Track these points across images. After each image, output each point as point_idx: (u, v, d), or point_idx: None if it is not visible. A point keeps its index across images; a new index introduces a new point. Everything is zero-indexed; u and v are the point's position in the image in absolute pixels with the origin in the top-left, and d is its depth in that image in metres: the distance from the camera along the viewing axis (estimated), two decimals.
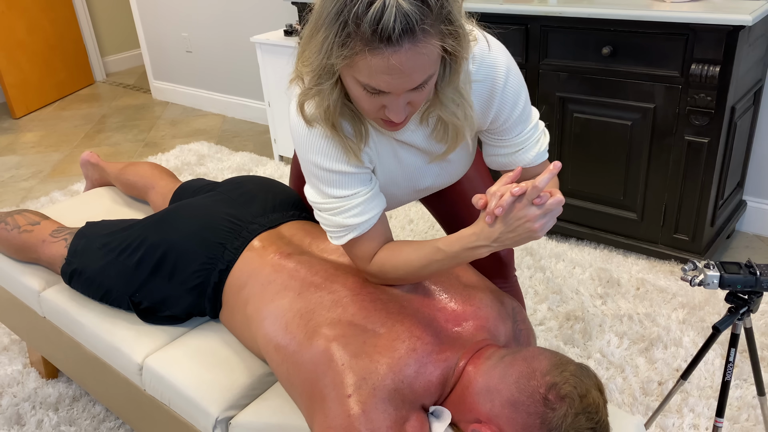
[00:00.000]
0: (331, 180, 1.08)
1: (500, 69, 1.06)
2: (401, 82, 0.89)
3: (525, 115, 1.13)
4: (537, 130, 1.16)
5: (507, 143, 1.15)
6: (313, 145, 1.06)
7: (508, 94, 1.08)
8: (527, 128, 1.15)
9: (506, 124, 1.12)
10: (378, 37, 0.84)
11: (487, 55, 1.05)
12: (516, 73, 1.09)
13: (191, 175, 3.28)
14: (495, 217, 0.98)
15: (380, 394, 1.00)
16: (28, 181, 3.40)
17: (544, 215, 0.96)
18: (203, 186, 1.62)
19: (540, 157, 1.17)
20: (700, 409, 1.67)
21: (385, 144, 1.12)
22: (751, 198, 2.45)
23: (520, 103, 1.11)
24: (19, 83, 4.40)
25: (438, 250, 1.06)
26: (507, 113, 1.10)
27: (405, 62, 0.86)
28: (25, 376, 1.96)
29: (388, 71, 0.87)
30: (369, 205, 1.10)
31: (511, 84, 1.08)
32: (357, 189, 1.09)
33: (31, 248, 1.61)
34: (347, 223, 1.10)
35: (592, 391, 0.94)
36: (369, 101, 0.94)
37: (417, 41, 0.85)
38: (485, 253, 1.03)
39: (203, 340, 1.39)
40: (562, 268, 2.29)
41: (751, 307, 1.22)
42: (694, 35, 1.90)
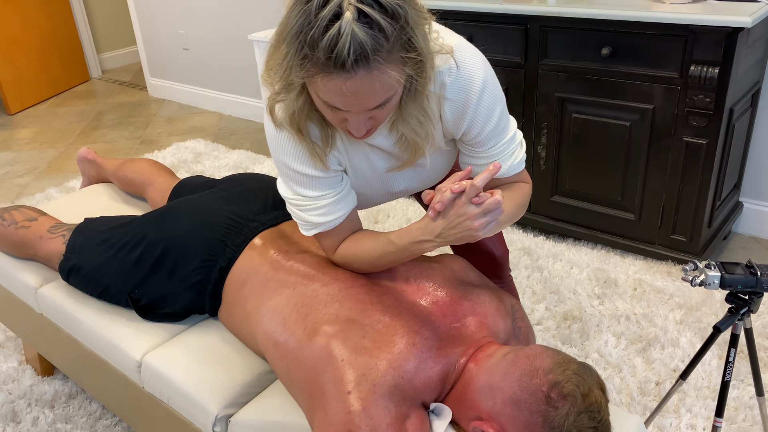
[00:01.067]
0: (299, 180, 1.12)
1: (475, 83, 1.07)
2: (357, 105, 0.90)
3: (500, 129, 1.14)
4: (513, 142, 1.16)
5: (481, 155, 1.16)
6: (283, 146, 1.10)
7: (482, 109, 1.09)
8: (501, 141, 1.15)
9: (479, 137, 1.13)
10: (332, 63, 0.85)
11: (464, 68, 1.06)
12: (492, 87, 1.09)
13: (188, 172, 3.27)
14: (437, 213, 1.01)
15: (380, 390, 1.00)
16: (23, 177, 3.38)
17: (484, 215, 0.98)
18: (202, 183, 1.61)
19: (514, 169, 1.17)
20: (698, 409, 1.67)
21: (357, 146, 1.14)
22: (748, 200, 2.46)
23: (493, 118, 1.11)
24: (14, 79, 4.38)
25: (390, 242, 1.11)
26: (480, 127, 1.11)
27: (359, 88, 0.87)
28: (21, 373, 1.95)
29: (341, 93, 0.88)
30: (336, 206, 1.14)
31: (486, 99, 1.09)
32: (325, 191, 1.13)
33: (28, 244, 1.60)
34: (313, 221, 1.15)
35: (595, 390, 0.94)
36: (331, 115, 0.96)
37: (371, 69, 0.86)
38: (430, 248, 1.07)
39: (202, 337, 1.38)
40: (559, 268, 2.29)
41: (752, 308, 1.22)
42: (694, 36, 1.91)
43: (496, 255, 1.53)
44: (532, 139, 2.37)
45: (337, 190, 1.14)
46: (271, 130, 1.10)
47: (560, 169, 2.35)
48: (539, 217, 2.48)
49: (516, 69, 2.29)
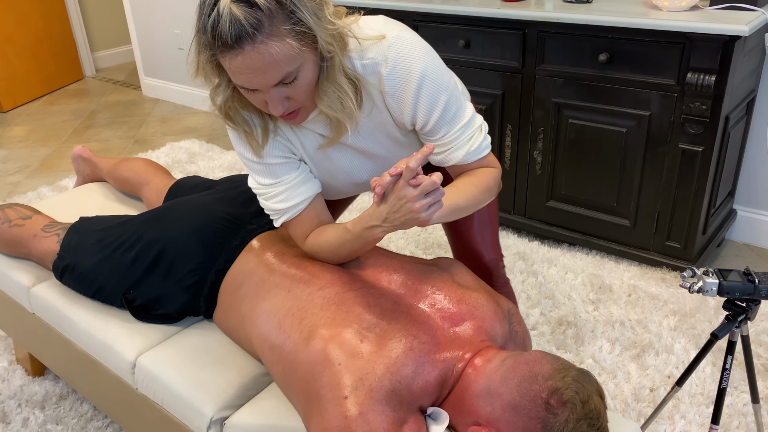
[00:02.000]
0: (255, 168, 1.19)
1: (413, 73, 1.09)
2: (258, 80, 0.96)
3: (449, 117, 1.15)
4: (468, 128, 1.17)
5: (435, 143, 1.18)
6: (234, 137, 1.17)
7: (423, 98, 1.11)
8: (453, 129, 1.16)
9: (428, 126, 1.15)
10: (219, 43, 0.93)
11: (401, 58, 1.08)
12: (434, 76, 1.10)
13: (182, 173, 3.25)
14: (381, 197, 1.04)
15: (377, 395, 1.00)
16: (14, 175, 3.36)
17: (423, 196, 0.99)
18: (199, 183, 1.60)
19: (472, 156, 1.19)
20: (692, 416, 1.67)
21: (311, 140, 1.19)
22: (742, 207, 2.47)
23: (438, 107, 1.12)
24: (6, 76, 4.35)
25: (347, 230, 1.14)
26: (425, 116, 1.13)
27: (251, 63, 0.94)
28: (11, 373, 1.93)
29: (239, 71, 0.95)
30: (294, 191, 1.19)
31: (427, 88, 1.10)
32: (280, 178, 1.18)
33: (21, 243, 1.59)
34: (276, 208, 1.20)
35: (594, 397, 0.94)
36: (252, 97, 1.02)
37: (256, 43, 0.92)
38: (380, 233, 1.09)
39: (197, 339, 1.37)
40: (554, 273, 2.29)
41: (749, 315, 1.22)
42: (691, 44, 1.92)
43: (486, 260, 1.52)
44: (528, 144, 2.37)
45: (293, 176, 1.19)
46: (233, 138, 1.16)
47: (556, 174, 2.36)
48: (534, 222, 2.48)
49: (513, 74, 2.29)
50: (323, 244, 1.21)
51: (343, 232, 1.16)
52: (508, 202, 2.53)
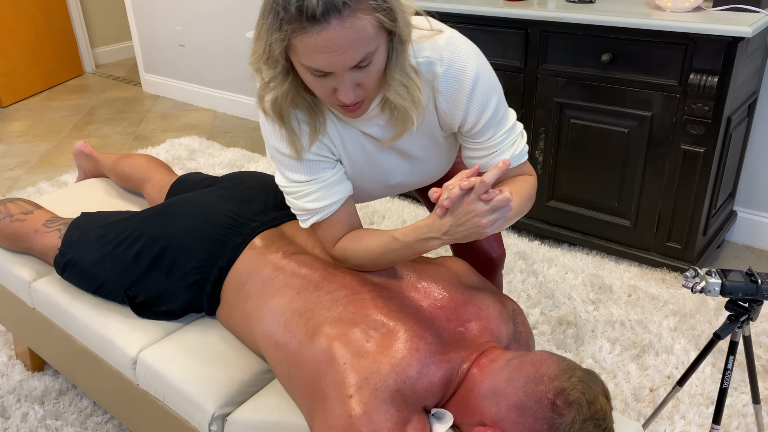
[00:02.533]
0: (290, 165, 1.14)
1: (468, 73, 1.08)
2: (338, 60, 0.92)
3: (497, 119, 1.14)
4: (512, 133, 1.17)
5: (480, 146, 1.17)
6: (274, 132, 1.12)
7: (476, 99, 1.10)
8: (500, 132, 1.15)
9: (476, 127, 1.13)
10: (305, 17, 0.88)
11: (456, 58, 1.07)
12: (487, 77, 1.10)
13: (182, 169, 3.25)
14: (445, 210, 1.01)
15: (382, 394, 0.99)
16: (14, 170, 3.35)
17: (492, 212, 0.98)
18: (201, 180, 1.60)
19: (516, 160, 1.18)
20: (691, 416, 1.68)
21: (352, 138, 1.16)
22: (742, 209, 2.48)
23: (489, 108, 1.12)
24: (6, 71, 4.34)
25: (394, 239, 1.11)
26: (475, 117, 1.12)
27: (335, 39, 0.89)
28: (10, 368, 1.92)
29: (320, 50, 0.90)
30: (329, 191, 1.15)
31: (480, 89, 1.09)
32: (316, 175, 1.14)
33: (23, 237, 1.58)
34: (308, 207, 1.16)
35: (600, 398, 0.94)
36: (319, 85, 0.98)
37: (343, 17, 0.88)
38: (437, 245, 1.07)
39: (199, 335, 1.37)
40: (554, 273, 2.29)
41: (751, 316, 1.22)
42: (694, 45, 1.92)
43: (493, 257, 1.53)
44: (530, 143, 2.37)
45: (328, 175, 1.15)
46: (263, 117, 1.12)
47: (557, 174, 2.36)
48: (535, 222, 2.48)
49: (515, 73, 2.29)
50: (359, 250, 1.16)
51: (389, 240, 1.12)
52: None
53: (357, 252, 1.17)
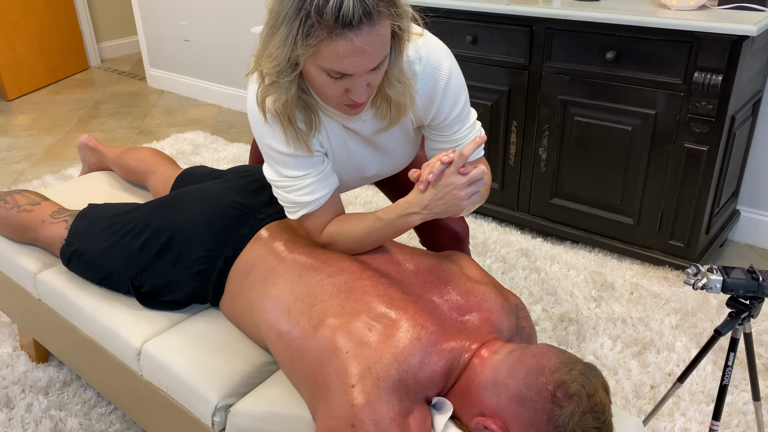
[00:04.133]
0: (284, 161, 1.18)
1: (443, 71, 1.17)
2: (365, 63, 0.98)
3: (464, 115, 1.24)
4: (474, 129, 1.26)
5: (446, 139, 1.26)
6: (268, 131, 1.16)
7: (449, 95, 1.19)
8: (465, 126, 1.25)
9: (446, 121, 1.23)
10: (341, 23, 0.93)
11: (432, 57, 1.16)
12: (457, 75, 1.19)
13: (186, 164, 3.26)
14: (427, 185, 1.10)
15: (384, 384, 1.00)
16: (19, 163, 3.36)
17: (469, 184, 1.08)
18: (207, 173, 1.61)
19: (477, 154, 1.27)
20: (692, 413, 1.68)
21: (336, 133, 1.22)
22: (745, 208, 2.48)
23: (459, 104, 1.21)
24: (12, 65, 4.35)
25: (378, 219, 1.19)
26: (447, 112, 1.21)
27: (367, 43, 0.96)
28: (15, 359, 1.94)
29: (353, 54, 0.96)
30: (319, 185, 1.21)
31: (453, 86, 1.18)
32: (308, 171, 1.19)
33: (29, 228, 1.60)
34: (299, 201, 1.21)
35: (600, 391, 0.95)
36: (333, 87, 1.03)
37: (373, 23, 0.95)
38: (417, 220, 1.15)
39: (203, 326, 1.38)
40: (557, 270, 2.30)
41: (752, 313, 1.23)
42: (698, 43, 1.92)
43: (458, 231, 1.62)
44: (533, 140, 2.38)
45: (320, 170, 1.21)
46: (258, 117, 1.15)
47: (560, 171, 2.36)
48: (538, 219, 2.49)
49: (520, 70, 2.30)
50: (346, 232, 1.23)
51: (373, 220, 1.19)
52: (512, 199, 2.53)
53: (344, 234, 1.23)
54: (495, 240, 2.50)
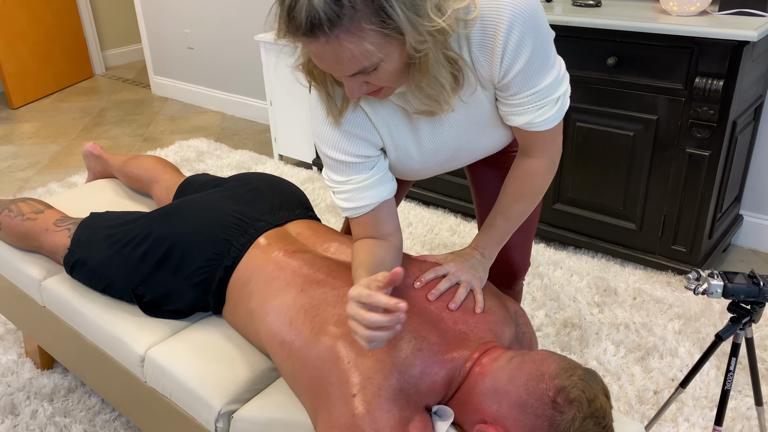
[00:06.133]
0: (329, 164, 1.16)
1: (502, 20, 0.96)
2: (332, 70, 0.90)
3: (527, 76, 1.02)
4: (541, 97, 1.05)
5: (504, 100, 1.08)
6: (317, 131, 1.12)
7: (509, 48, 0.98)
8: (526, 91, 1.04)
9: (505, 78, 1.03)
10: (292, 27, 0.86)
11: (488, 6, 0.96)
12: (523, 28, 0.97)
13: (190, 171, 3.27)
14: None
15: (385, 393, 1.01)
16: (25, 171, 3.38)
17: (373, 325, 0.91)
18: (208, 181, 1.62)
19: (532, 127, 1.08)
20: (695, 418, 1.68)
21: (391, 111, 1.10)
22: (748, 213, 2.48)
23: (519, 61, 0.99)
24: (18, 73, 4.38)
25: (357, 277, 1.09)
26: (506, 67, 1.01)
27: (324, 53, 0.87)
28: (20, 366, 1.95)
29: (317, 59, 0.89)
30: (359, 194, 1.15)
31: (514, 38, 0.97)
32: (350, 176, 1.14)
33: (33, 236, 1.61)
34: (340, 205, 1.18)
35: (600, 396, 0.95)
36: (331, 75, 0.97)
37: (330, 37, 0.85)
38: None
39: (206, 333, 1.39)
40: (560, 275, 2.30)
41: (753, 317, 1.23)
42: (699, 49, 1.92)
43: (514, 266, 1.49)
44: None
45: (362, 177, 1.13)
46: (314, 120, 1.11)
47: (563, 177, 2.37)
48: (540, 225, 2.49)
49: None
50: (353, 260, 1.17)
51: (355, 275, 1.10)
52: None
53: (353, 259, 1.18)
54: None
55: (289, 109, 3.17)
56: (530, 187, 1.19)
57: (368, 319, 0.90)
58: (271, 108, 3.24)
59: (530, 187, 1.19)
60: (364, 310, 0.91)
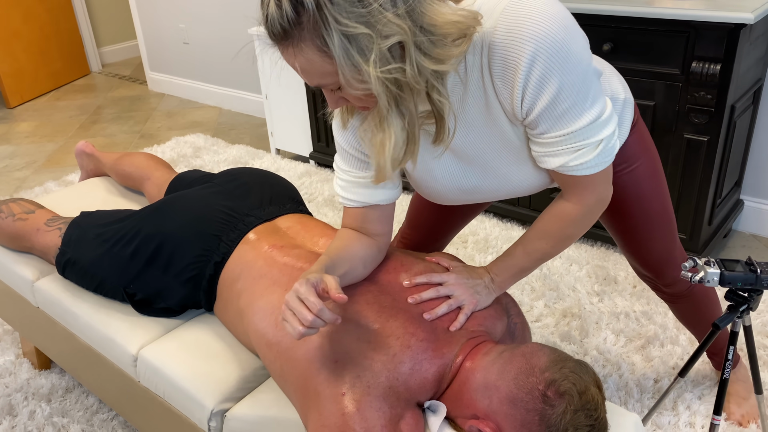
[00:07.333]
0: (338, 149, 1.16)
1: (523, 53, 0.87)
2: (304, 77, 0.90)
3: (556, 115, 0.93)
4: (577, 138, 0.95)
5: (535, 139, 0.99)
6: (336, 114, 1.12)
7: (533, 79, 0.90)
8: (558, 131, 0.95)
9: (531, 115, 0.95)
10: (267, 35, 0.88)
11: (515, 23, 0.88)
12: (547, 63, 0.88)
13: (187, 167, 3.26)
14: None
15: (375, 392, 0.99)
16: (22, 171, 3.38)
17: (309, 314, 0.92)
18: (199, 177, 1.61)
19: (567, 170, 1.00)
20: (696, 407, 1.66)
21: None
22: (749, 197, 2.45)
23: (546, 93, 0.90)
24: (13, 72, 4.37)
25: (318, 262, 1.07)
26: (530, 102, 0.93)
27: (293, 62, 0.88)
28: (18, 366, 1.94)
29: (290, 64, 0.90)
30: (352, 188, 1.15)
31: (536, 74, 0.89)
32: (350, 168, 1.14)
33: (25, 237, 1.60)
34: (335, 189, 1.19)
35: (591, 388, 0.93)
36: None
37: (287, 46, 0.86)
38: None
39: (198, 332, 1.38)
40: (558, 265, 2.28)
41: (751, 305, 1.21)
42: (696, 33, 1.90)
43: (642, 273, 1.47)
44: None
45: (361, 174, 1.13)
46: None
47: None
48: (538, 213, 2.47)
49: None
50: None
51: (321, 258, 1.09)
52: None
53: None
54: (496, 236, 2.48)
55: (285, 103, 3.15)
56: (557, 231, 1.10)
57: (308, 319, 0.91)
58: (266, 102, 3.22)
59: (557, 230, 1.10)
60: (305, 309, 0.92)
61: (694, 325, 1.55)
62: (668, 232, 1.38)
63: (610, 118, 0.98)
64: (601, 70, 0.98)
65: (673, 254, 1.42)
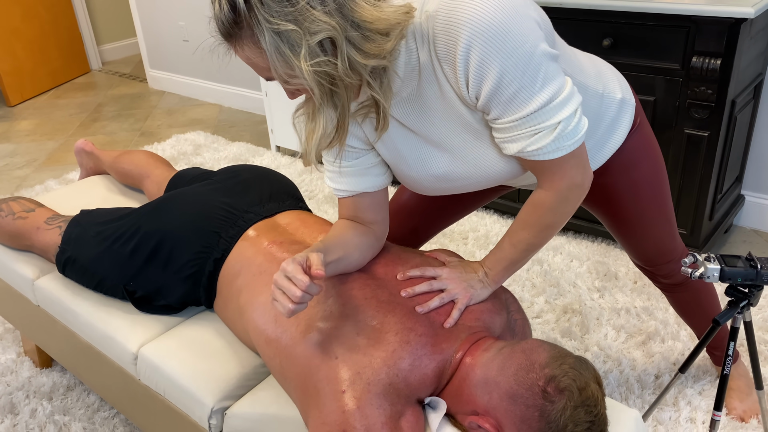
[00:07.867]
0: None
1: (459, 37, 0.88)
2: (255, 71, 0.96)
3: (505, 99, 0.91)
4: (534, 123, 0.94)
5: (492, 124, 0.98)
6: None
7: (473, 62, 0.89)
8: (510, 116, 0.94)
9: (480, 100, 0.94)
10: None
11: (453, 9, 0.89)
12: (485, 47, 0.87)
13: (187, 164, 3.26)
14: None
15: (375, 389, 0.99)
16: (22, 169, 3.38)
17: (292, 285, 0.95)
18: (198, 175, 1.61)
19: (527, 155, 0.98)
20: (697, 402, 1.66)
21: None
22: (750, 192, 2.45)
23: (488, 77, 0.89)
24: (13, 71, 4.36)
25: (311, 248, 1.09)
26: (475, 87, 0.92)
27: (240, 55, 0.93)
28: (19, 365, 1.95)
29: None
30: (339, 178, 1.16)
31: (475, 58, 0.88)
32: (332, 157, 1.15)
33: (25, 235, 1.60)
34: (325, 180, 1.20)
35: (591, 384, 0.93)
36: None
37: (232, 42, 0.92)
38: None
39: (198, 330, 1.38)
40: (559, 261, 2.28)
41: (751, 301, 1.21)
42: (696, 27, 1.89)
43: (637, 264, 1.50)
44: None
45: (346, 164, 1.14)
46: None
47: None
48: None
49: None
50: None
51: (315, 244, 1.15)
52: (513, 191, 2.51)
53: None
54: (497, 232, 2.48)
55: (284, 100, 3.15)
56: (536, 220, 1.09)
57: (297, 296, 0.94)
58: (266, 99, 3.22)
59: (536, 219, 1.09)
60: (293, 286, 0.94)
61: (690, 316, 1.56)
62: (665, 231, 1.39)
63: (568, 100, 0.95)
64: (557, 52, 0.95)
65: (672, 250, 1.42)
